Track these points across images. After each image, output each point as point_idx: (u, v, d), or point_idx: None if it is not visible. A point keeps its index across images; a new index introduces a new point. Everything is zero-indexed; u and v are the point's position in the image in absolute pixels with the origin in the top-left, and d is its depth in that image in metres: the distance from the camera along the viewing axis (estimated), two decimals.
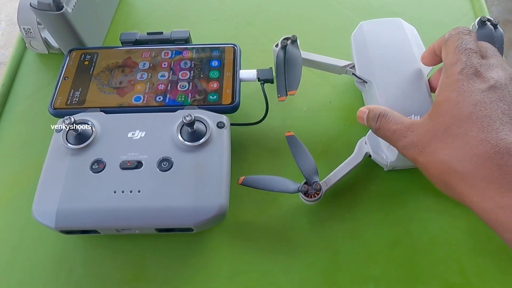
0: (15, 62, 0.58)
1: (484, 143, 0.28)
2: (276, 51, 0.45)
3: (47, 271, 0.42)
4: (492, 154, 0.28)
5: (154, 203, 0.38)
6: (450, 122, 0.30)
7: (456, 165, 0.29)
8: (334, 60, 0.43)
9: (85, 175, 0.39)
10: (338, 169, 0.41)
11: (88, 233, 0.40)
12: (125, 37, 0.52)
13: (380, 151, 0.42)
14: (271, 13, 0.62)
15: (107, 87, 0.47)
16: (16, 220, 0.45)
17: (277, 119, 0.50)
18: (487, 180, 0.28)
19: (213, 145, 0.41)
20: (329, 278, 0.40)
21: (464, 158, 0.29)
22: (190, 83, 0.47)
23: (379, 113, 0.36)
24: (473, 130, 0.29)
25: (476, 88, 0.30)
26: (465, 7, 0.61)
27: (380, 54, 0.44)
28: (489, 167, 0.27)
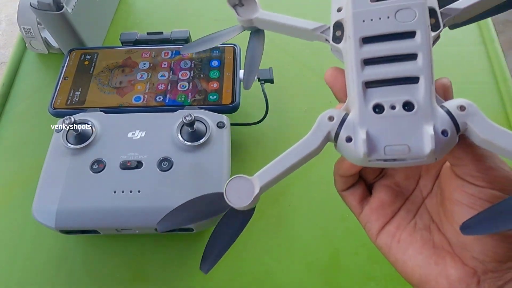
0: (15, 62, 0.58)
1: None
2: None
3: (47, 271, 0.42)
4: None
5: (154, 203, 0.38)
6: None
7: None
8: (302, 22, 0.30)
9: (85, 175, 0.39)
10: (279, 159, 0.26)
11: (88, 233, 0.40)
12: (125, 37, 0.52)
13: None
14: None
15: (107, 87, 0.47)
16: (16, 220, 0.45)
17: (277, 119, 0.50)
18: None
19: (213, 145, 0.41)
20: (329, 278, 0.40)
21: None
22: (190, 83, 0.47)
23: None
24: None
25: None
26: None
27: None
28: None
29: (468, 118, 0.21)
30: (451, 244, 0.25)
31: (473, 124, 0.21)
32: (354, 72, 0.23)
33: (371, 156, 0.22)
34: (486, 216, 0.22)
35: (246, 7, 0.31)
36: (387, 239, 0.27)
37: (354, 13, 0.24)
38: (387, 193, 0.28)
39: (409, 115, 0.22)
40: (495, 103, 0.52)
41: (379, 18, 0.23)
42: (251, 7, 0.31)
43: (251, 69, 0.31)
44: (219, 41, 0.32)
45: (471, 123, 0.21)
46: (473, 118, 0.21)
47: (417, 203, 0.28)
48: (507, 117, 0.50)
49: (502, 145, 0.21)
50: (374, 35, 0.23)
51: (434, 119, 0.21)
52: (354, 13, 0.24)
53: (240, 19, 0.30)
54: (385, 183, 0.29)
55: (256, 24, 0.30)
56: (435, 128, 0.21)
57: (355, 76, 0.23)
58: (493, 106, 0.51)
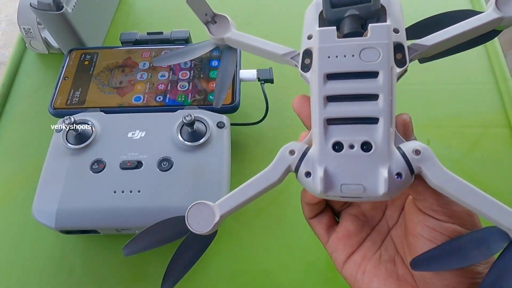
0: (15, 62, 0.58)
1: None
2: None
3: (47, 271, 0.42)
4: None
5: (154, 203, 0.38)
6: None
7: None
8: (273, 46, 0.29)
9: (85, 175, 0.39)
10: (240, 189, 0.27)
11: (88, 233, 0.40)
12: (125, 37, 0.52)
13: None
14: (271, 13, 0.62)
15: (107, 87, 0.47)
16: (16, 220, 0.45)
17: (277, 119, 0.50)
18: None
19: (213, 145, 0.41)
20: (329, 278, 0.40)
21: None
22: (190, 83, 0.47)
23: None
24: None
25: None
26: (465, 7, 0.61)
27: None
28: None
29: (422, 163, 0.22)
30: (414, 277, 0.25)
31: (426, 169, 0.21)
32: (316, 108, 0.23)
33: (328, 192, 0.23)
34: (438, 253, 0.22)
35: (218, 24, 0.31)
36: (353, 270, 0.27)
37: (320, 48, 0.24)
38: (353, 223, 0.28)
39: (366, 155, 0.22)
40: (495, 103, 0.52)
41: (344, 56, 0.23)
42: (224, 25, 0.30)
43: (221, 88, 0.31)
44: (191, 56, 0.32)
45: (424, 168, 0.22)
46: (426, 164, 0.21)
47: (383, 233, 0.28)
48: (507, 117, 0.50)
49: (452, 193, 0.21)
50: (338, 72, 0.23)
51: (390, 161, 0.22)
52: (320, 48, 0.24)
53: (212, 37, 0.30)
54: (351, 212, 0.29)
55: (228, 43, 0.30)
56: (390, 171, 0.21)
57: (317, 113, 0.23)
58: (493, 106, 0.51)
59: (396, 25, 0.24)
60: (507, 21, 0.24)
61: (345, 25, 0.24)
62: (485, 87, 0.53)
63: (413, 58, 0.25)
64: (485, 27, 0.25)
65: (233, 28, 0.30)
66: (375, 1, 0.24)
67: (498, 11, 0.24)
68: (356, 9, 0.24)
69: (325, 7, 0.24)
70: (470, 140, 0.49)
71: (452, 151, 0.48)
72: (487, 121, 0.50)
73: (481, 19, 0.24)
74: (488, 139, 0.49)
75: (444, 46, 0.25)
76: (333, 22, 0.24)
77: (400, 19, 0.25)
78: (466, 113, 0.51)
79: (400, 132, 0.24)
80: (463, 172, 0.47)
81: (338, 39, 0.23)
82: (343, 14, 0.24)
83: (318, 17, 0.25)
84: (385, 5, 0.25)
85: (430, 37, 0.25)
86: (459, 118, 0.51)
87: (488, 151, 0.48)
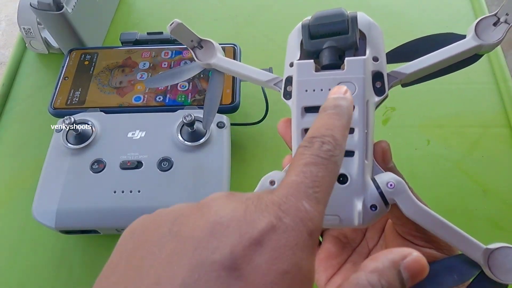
0: (15, 62, 0.58)
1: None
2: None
3: (47, 271, 0.42)
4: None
5: (154, 203, 0.38)
6: None
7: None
8: (257, 73, 0.29)
9: (85, 175, 0.39)
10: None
11: (88, 233, 0.40)
12: (125, 37, 0.52)
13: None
14: (271, 13, 0.62)
15: (107, 87, 0.47)
16: (16, 220, 0.45)
17: (277, 119, 0.50)
18: None
19: (213, 145, 0.41)
20: None
21: None
22: (190, 83, 0.47)
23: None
24: None
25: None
26: (465, 7, 0.61)
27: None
28: None
29: (395, 196, 0.22)
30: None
31: (399, 202, 0.22)
32: (294, 139, 0.24)
33: None
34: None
35: (204, 50, 0.31)
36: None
37: (298, 81, 0.24)
38: (335, 244, 0.28)
39: (342, 188, 0.22)
40: (495, 103, 0.51)
41: (321, 90, 0.24)
42: (209, 51, 0.31)
43: (210, 109, 0.32)
44: (181, 78, 0.33)
45: (397, 201, 0.22)
46: (399, 197, 0.22)
47: (363, 254, 0.28)
48: (507, 117, 0.50)
49: (424, 225, 0.22)
50: (314, 106, 0.24)
51: (364, 194, 0.22)
52: (298, 81, 0.24)
53: (198, 63, 0.31)
54: (333, 234, 0.29)
55: (214, 67, 0.31)
56: (365, 203, 0.22)
57: (295, 145, 0.24)
58: (493, 106, 0.51)
59: (376, 53, 0.24)
60: (487, 48, 0.24)
61: (324, 57, 0.24)
62: (485, 87, 0.53)
63: (393, 85, 0.25)
64: (464, 54, 0.25)
65: (219, 53, 0.31)
66: (352, 33, 0.24)
67: (477, 38, 0.24)
68: (334, 41, 0.24)
69: (304, 38, 0.25)
70: (470, 140, 0.49)
71: (452, 151, 0.48)
72: (487, 121, 0.50)
73: (460, 47, 0.25)
74: (488, 139, 0.49)
75: (424, 72, 0.26)
76: (312, 53, 0.25)
77: (380, 46, 0.25)
78: (466, 113, 0.51)
79: (379, 159, 0.24)
80: (463, 172, 0.47)
81: (315, 73, 0.24)
82: (321, 46, 0.24)
83: (300, 44, 0.26)
84: (365, 32, 0.25)
85: (409, 64, 0.25)
86: (459, 118, 0.51)
87: (488, 151, 0.48)
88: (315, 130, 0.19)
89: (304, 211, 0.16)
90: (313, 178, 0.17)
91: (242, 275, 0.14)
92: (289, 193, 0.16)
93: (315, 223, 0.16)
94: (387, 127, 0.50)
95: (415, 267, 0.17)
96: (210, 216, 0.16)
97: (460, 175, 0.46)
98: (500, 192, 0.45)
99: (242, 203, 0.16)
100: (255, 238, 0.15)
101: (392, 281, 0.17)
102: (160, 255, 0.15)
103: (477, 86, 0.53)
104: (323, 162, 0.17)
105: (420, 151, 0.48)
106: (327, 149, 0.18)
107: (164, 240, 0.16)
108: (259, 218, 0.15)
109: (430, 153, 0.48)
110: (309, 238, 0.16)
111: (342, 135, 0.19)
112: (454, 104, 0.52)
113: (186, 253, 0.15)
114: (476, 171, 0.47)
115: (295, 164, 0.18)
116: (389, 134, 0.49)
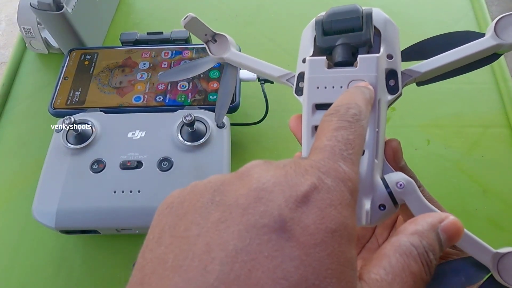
0: (15, 62, 0.58)
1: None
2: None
3: (47, 271, 0.42)
4: None
5: (154, 203, 0.38)
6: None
7: None
8: (269, 68, 0.30)
9: (85, 175, 0.39)
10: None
11: (88, 233, 0.40)
12: (125, 37, 0.52)
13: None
14: (271, 13, 0.62)
15: (107, 87, 0.47)
16: (16, 220, 0.45)
17: (277, 119, 0.50)
18: None
19: (213, 145, 0.41)
20: None
21: None
22: (190, 83, 0.47)
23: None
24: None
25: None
26: (465, 7, 0.61)
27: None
28: None
29: (405, 196, 0.22)
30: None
31: (408, 202, 0.22)
32: (304, 137, 0.24)
33: None
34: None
35: (218, 44, 0.31)
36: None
37: (309, 78, 0.24)
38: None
39: None
40: (495, 103, 0.51)
41: (333, 87, 0.23)
42: (223, 45, 0.30)
43: (223, 104, 0.32)
44: (195, 72, 0.33)
45: (407, 201, 0.22)
46: (409, 197, 0.22)
47: (373, 251, 0.28)
48: (507, 117, 0.50)
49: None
50: (325, 103, 0.23)
51: (373, 193, 0.22)
52: (310, 78, 0.24)
53: (212, 57, 0.31)
54: None
55: (228, 61, 0.30)
56: (373, 202, 0.22)
57: (305, 142, 0.24)
58: (493, 106, 0.51)
59: (390, 51, 0.24)
60: (506, 47, 0.24)
61: (336, 54, 0.24)
62: (485, 87, 0.53)
63: (408, 83, 0.25)
64: (482, 53, 0.24)
65: (232, 48, 0.31)
66: (366, 30, 0.24)
67: (496, 37, 0.24)
68: (347, 38, 0.24)
69: (317, 35, 0.25)
70: (470, 140, 0.49)
71: (452, 151, 0.48)
72: (487, 121, 0.50)
73: (478, 46, 0.24)
74: (488, 139, 0.49)
75: (440, 71, 0.25)
76: (325, 49, 0.25)
77: (395, 43, 0.24)
78: (466, 113, 0.51)
79: (390, 158, 0.24)
80: (463, 172, 0.47)
81: (327, 70, 0.24)
82: (334, 43, 0.24)
83: (313, 40, 0.25)
84: (381, 29, 0.24)
85: (424, 62, 0.25)
86: (459, 118, 0.51)
87: (488, 151, 0.48)
88: (338, 102, 0.19)
89: (343, 172, 0.16)
90: (345, 141, 0.17)
91: (292, 236, 0.14)
92: (325, 156, 0.17)
93: (354, 183, 0.17)
94: (387, 127, 0.49)
95: (452, 229, 0.18)
96: (252, 184, 0.16)
97: (460, 175, 0.46)
98: (500, 192, 0.45)
99: (281, 169, 0.16)
100: (301, 200, 0.15)
101: (432, 242, 0.18)
102: (206, 224, 0.15)
103: (477, 86, 0.53)
104: (351, 126, 0.18)
105: (420, 151, 0.48)
106: (353, 113, 0.18)
107: (208, 210, 0.16)
108: (301, 181, 0.16)
109: (430, 153, 0.48)
110: (351, 197, 0.16)
111: (366, 105, 0.20)
112: (454, 104, 0.52)
113: (233, 220, 0.15)
114: (476, 171, 0.47)
115: (325, 130, 0.18)
116: (389, 134, 0.49)
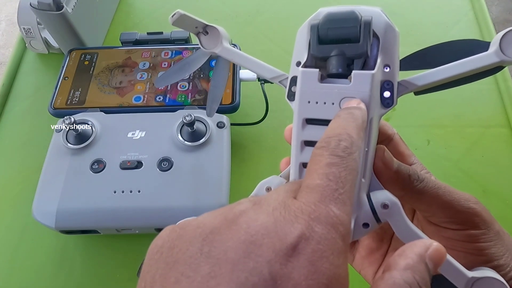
0: (15, 62, 0.58)
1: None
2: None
3: (47, 271, 0.42)
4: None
5: (154, 203, 0.38)
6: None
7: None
8: (263, 67, 0.29)
9: (85, 175, 0.39)
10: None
11: (88, 233, 0.40)
12: (125, 37, 0.52)
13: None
14: (271, 13, 0.62)
15: (107, 87, 0.47)
16: (16, 220, 0.45)
17: (277, 119, 0.50)
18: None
19: (213, 145, 0.41)
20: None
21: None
22: (190, 83, 0.47)
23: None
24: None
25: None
26: (465, 7, 0.61)
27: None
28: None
29: (389, 217, 0.21)
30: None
31: (392, 224, 0.21)
32: (293, 151, 0.23)
33: None
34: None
35: (210, 36, 0.29)
36: None
37: (301, 92, 0.23)
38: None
39: None
40: (495, 103, 0.51)
41: (324, 103, 0.23)
42: (215, 38, 0.29)
43: (214, 97, 0.31)
44: (190, 70, 0.32)
45: (391, 223, 0.21)
46: (393, 219, 0.21)
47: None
48: (507, 117, 0.50)
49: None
50: (316, 119, 0.23)
51: (358, 211, 0.22)
52: (301, 92, 0.23)
53: (204, 50, 0.29)
54: None
55: (220, 55, 0.29)
56: (357, 221, 0.21)
57: (294, 157, 0.23)
58: (493, 106, 0.51)
59: (388, 60, 0.23)
60: (511, 63, 0.23)
61: (331, 65, 0.23)
62: (485, 87, 0.53)
63: (404, 94, 0.24)
64: (484, 68, 0.23)
65: (225, 42, 0.29)
66: (363, 42, 0.22)
67: (501, 53, 0.22)
68: (343, 49, 0.23)
69: (312, 41, 0.24)
70: (470, 140, 0.49)
71: (452, 151, 0.48)
72: (487, 121, 0.50)
73: (481, 61, 0.23)
74: (488, 139, 0.49)
75: (439, 83, 0.24)
76: (319, 58, 0.24)
77: (394, 52, 0.23)
78: (466, 113, 0.51)
79: (380, 168, 0.23)
80: (463, 172, 0.47)
81: (320, 84, 0.23)
82: (329, 53, 0.23)
83: (308, 44, 0.24)
84: (380, 35, 0.23)
85: (423, 75, 0.24)
86: (459, 118, 0.51)
87: (488, 151, 0.48)
88: (330, 131, 0.19)
89: (334, 217, 0.16)
90: (337, 180, 0.17)
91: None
92: (316, 199, 0.16)
93: (346, 226, 0.16)
94: None
95: (437, 256, 0.18)
96: (240, 235, 0.15)
97: (460, 175, 0.46)
98: (500, 192, 0.45)
99: (269, 215, 0.16)
100: (291, 253, 0.15)
101: (424, 275, 0.17)
102: (196, 278, 0.15)
103: (477, 86, 0.53)
104: (343, 162, 0.17)
105: (420, 151, 0.48)
106: (344, 146, 0.18)
107: (197, 261, 0.15)
108: (290, 231, 0.15)
109: (430, 153, 0.48)
110: (342, 244, 0.16)
111: (358, 134, 0.19)
112: (454, 104, 0.52)
113: (223, 277, 0.15)
114: (476, 171, 0.47)
115: (316, 165, 0.18)
116: None
